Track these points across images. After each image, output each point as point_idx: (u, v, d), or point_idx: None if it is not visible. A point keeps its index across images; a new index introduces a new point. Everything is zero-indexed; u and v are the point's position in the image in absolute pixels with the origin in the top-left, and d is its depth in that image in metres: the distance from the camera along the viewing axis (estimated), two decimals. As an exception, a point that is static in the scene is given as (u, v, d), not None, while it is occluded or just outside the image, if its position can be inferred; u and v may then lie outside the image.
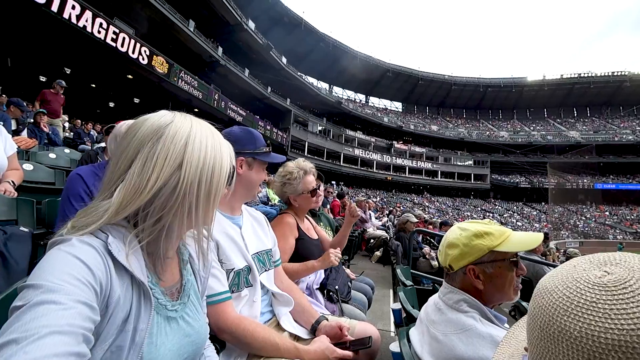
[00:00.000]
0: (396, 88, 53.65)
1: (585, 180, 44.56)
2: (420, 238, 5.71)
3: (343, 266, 2.64)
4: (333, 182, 23.75)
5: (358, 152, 42.32)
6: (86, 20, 11.84)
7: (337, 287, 1.95)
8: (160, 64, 16.07)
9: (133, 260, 0.67)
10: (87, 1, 12.01)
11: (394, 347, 1.16)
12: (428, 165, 47.54)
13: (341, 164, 40.07)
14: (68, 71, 15.12)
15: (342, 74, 48.20)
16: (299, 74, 35.48)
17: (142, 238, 0.68)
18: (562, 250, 9.13)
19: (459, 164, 48.49)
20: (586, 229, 37.02)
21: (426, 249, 5.17)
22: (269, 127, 28.11)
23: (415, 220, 5.48)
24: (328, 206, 7.22)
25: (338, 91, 52.31)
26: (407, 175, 46.07)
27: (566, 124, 52.98)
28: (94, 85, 17.57)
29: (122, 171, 0.68)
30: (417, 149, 48.13)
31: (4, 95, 7.35)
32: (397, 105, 58.30)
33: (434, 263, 4.87)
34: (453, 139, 50.12)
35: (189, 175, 0.68)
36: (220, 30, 25.14)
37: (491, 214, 41.88)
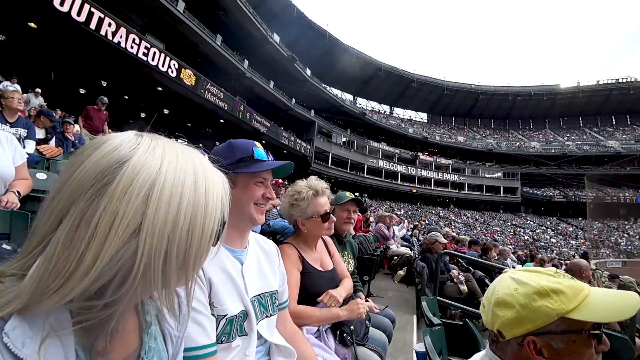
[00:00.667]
0: (421, 98, 52.79)
1: (627, 194, 41.49)
2: (447, 258, 5.31)
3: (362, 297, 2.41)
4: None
5: (382, 163, 41.59)
6: (120, 37, 12.67)
7: (352, 327, 1.67)
8: (188, 77, 16.68)
9: (51, 350, 0.45)
10: (122, 19, 12.86)
11: None
12: (454, 177, 45.92)
13: (365, 175, 39.52)
14: (104, 84, 15.86)
15: (366, 85, 48.11)
16: (323, 85, 35.70)
17: (78, 320, 0.47)
18: (607, 275, 8.30)
19: (487, 176, 46.61)
20: (629, 247, 34.06)
21: (454, 272, 4.77)
22: (292, 138, 28.19)
23: (444, 240, 5.08)
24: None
25: (362, 102, 52.12)
26: (432, 187, 44.62)
27: (604, 133, 50.00)
28: (126, 97, 18.26)
29: (47, 230, 0.46)
30: (443, 161, 46.76)
31: (33, 107, 7.63)
32: (422, 116, 57.30)
33: (463, 288, 4.48)
34: (481, 150, 48.47)
35: (152, 245, 0.46)
36: (246, 44, 25.76)
37: (522, 229, 39.82)
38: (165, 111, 19.95)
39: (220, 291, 1.01)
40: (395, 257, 6.92)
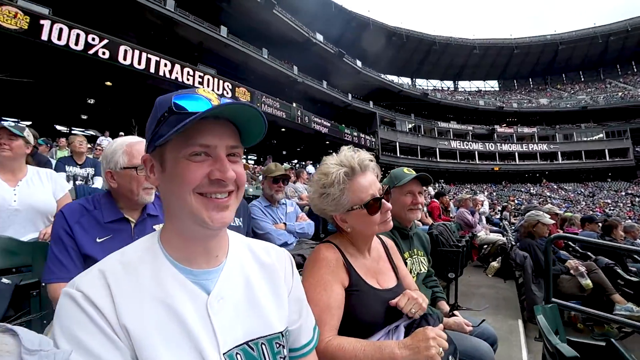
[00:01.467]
0: (488, 65, 47.84)
1: None
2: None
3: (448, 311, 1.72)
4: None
5: (455, 144, 38.84)
6: (177, 73, 14.64)
7: None
8: (243, 94, 18.10)
9: None
10: (174, 57, 14.66)
11: None
12: (543, 147, 40.46)
13: (438, 160, 37.27)
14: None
15: (423, 64, 45.65)
16: (376, 73, 34.71)
17: None
18: None
19: (586, 139, 39.83)
20: None
21: (571, 261, 3.66)
22: (355, 134, 27.82)
23: (550, 220, 3.94)
24: (425, 210, 6.11)
25: (421, 83, 49.46)
26: (517, 162, 40.03)
27: None
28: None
29: None
30: (526, 130, 41.64)
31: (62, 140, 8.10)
32: (493, 85, 52.00)
33: (586, 282, 3.36)
34: (572, 110, 41.42)
35: None
36: (291, 50, 26.35)
37: (644, 195, 33.07)
38: None
39: (154, 346, 0.58)
40: (486, 246, 5.94)
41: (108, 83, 13.32)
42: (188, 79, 14.82)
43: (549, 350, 1.41)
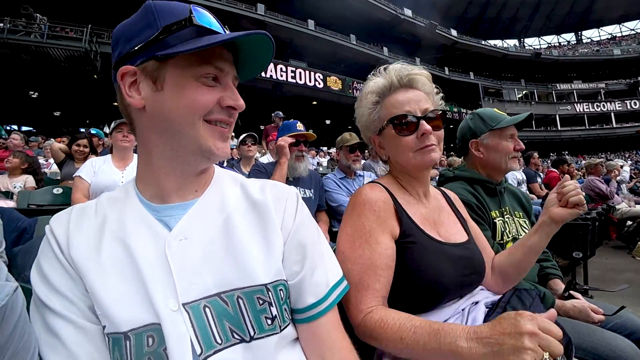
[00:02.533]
0: (624, 2, 38.07)
1: None
2: None
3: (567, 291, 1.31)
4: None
5: (581, 107, 32.83)
6: (271, 71, 15.76)
7: None
8: (334, 83, 18.68)
9: None
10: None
11: None
12: None
13: (559, 128, 31.91)
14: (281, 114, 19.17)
15: (533, 20, 39.02)
16: (475, 40, 31.36)
17: None
18: None
19: None
20: None
21: None
22: (455, 110, 25.72)
23: None
24: (539, 180, 5.34)
25: (532, 42, 42.53)
26: (673, 120, 31.68)
27: None
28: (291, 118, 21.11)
29: None
30: (688, 76, 32.49)
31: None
32: (633, 25, 41.49)
33: None
34: None
35: None
36: (380, 31, 25.45)
37: None
38: (327, 122, 21.67)
39: (104, 285, 0.54)
40: (630, 222, 4.88)
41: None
42: (282, 75, 15.73)
43: None
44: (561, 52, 37.03)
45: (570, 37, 42.80)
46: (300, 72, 16.73)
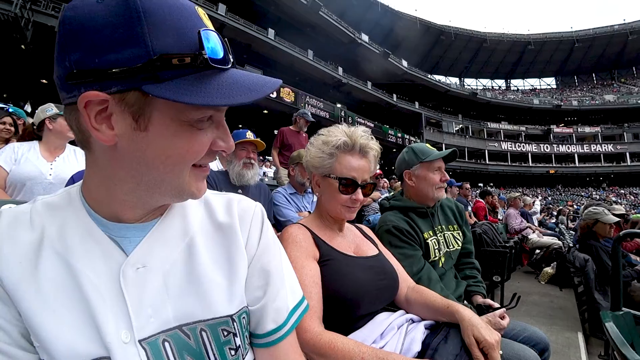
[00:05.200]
0: (544, 61, 44.88)
1: None
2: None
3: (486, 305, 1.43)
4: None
5: (506, 145, 36.87)
6: None
7: None
8: (287, 94, 18.59)
9: None
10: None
11: None
12: (608, 147, 37.30)
13: (487, 162, 35.47)
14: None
15: (473, 62, 43.83)
16: (422, 73, 33.91)
17: None
18: None
19: (659, 138, 35.97)
20: None
21: (644, 265, 3.37)
22: (399, 135, 27.31)
23: (613, 218, 3.57)
24: (469, 209, 5.97)
25: (470, 82, 47.44)
26: (577, 164, 37.24)
27: None
28: (240, 126, 20.70)
29: None
30: (587, 130, 38.66)
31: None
32: (549, 82, 48.67)
33: (668, 291, 3.10)
34: (643, 106, 37.75)
35: None
36: (337, 52, 26.40)
37: None
38: (275, 132, 21.70)
39: (41, 311, 0.46)
40: (538, 251, 5.50)
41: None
42: None
43: None
44: (493, 95, 41.62)
45: (501, 82, 48.45)
46: (256, 79, 16.94)
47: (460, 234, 1.70)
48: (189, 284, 0.54)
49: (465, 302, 1.49)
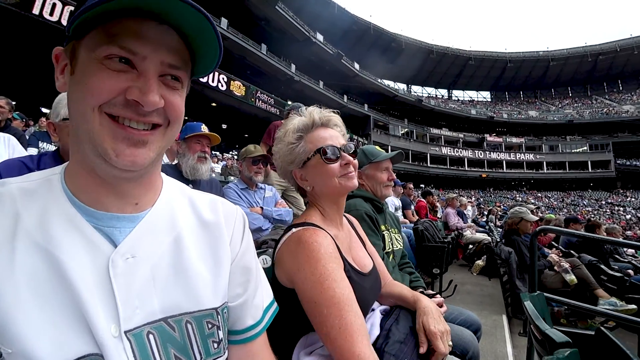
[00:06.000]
0: (482, 76, 48.87)
1: None
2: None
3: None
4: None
5: (446, 150, 39.55)
6: None
7: (411, 356, 0.92)
8: (238, 88, 17.76)
9: None
10: None
11: None
12: (529, 156, 41.81)
13: (428, 165, 37.78)
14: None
15: (420, 71, 46.12)
16: (373, 77, 35.02)
17: None
18: None
19: (570, 151, 41.40)
20: None
21: (553, 256, 3.87)
22: (348, 135, 27.90)
23: (533, 217, 4.14)
24: (412, 208, 6.28)
25: (417, 90, 50.10)
26: (504, 170, 41.25)
27: None
28: (186, 118, 19.63)
29: None
30: (514, 140, 42.93)
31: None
32: (485, 95, 53.06)
33: (571, 278, 3.55)
34: (558, 122, 43.06)
35: None
36: (291, 48, 26.30)
37: (622, 208, 34.27)
38: (224, 126, 21.04)
39: (18, 309, 0.42)
40: (471, 246, 6.01)
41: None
42: None
43: (537, 338, 1.35)
44: (437, 103, 44.50)
45: (444, 92, 51.77)
46: (203, 69, 16.05)
47: (400, 237, 1.85)
48: (176, 276, 0.54)
49: None
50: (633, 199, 36.80)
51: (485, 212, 13.95)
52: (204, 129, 2.25)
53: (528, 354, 2.39)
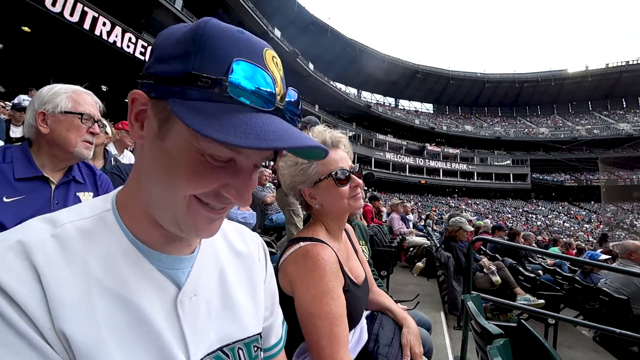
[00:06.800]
0: (427, 89, 52.28)
1: (640, 176, 40.85)
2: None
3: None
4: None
5: (389, 156, 41.45)
6: (116, 36, 12.20)
7: (396, 357, 1.09)
8: None
9: None
10: (118, 19, 12.37)
11: None
12: (463, 166, 45.71)
13: (372, 168, 39.23)
14: (105, 89, 15.73)
15: (371, 78, 47.73)
16: (326, 79, 35.51)
17: None
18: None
19: (496, 164, 46.29)
20: (645, 229, 33.68)
21: (485, 260, 4.44)
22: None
23: (470, 228, 4.67)
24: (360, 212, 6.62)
25: (367, 96, 51.83)
26: (441, 177, 44.50)
27: (614, 116, 48.96)
28: (126, 100, 18.15)
29: None
30: (451, 151, 46.53)
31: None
32: (429, 107, 56.79)
33: (496, 279, 4.12)
34: (489, 138, 47.96)
35: None
36: (247, 41, 25.63)
37: (534, 215, 39.19)
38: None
39: (106, 354, 0.42)
40: (412, 249, 6.43)
41: (26, 29, 10.98)
42: (129, 46, 12.73)
43: (476, 331, 1.61)
44: (384, 110, 46.71)
45: (392, 100, 54.35)
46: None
47: (367, 248, 1.92)
48: (224, 308, 0.58)
49: None
50: (543, 208, 42.49)
51: (424, 217, 14.98)
52: None
53: (463, 345, 2.79)
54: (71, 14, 10.42)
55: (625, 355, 3.29)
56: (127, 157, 3.55)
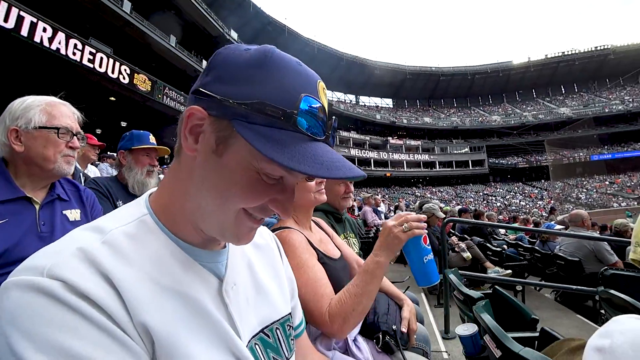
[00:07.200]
0: (386, 85, 53.61)
1: (581, 154, 45.01)
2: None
3: None
4: None
5: (354, 152, 42.07)
6: (59, 43, 11.11)
7: (394, 326, 1.19)
8: (143, 82, 15.25)
9: None
10: (59, 23, 11.35)
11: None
12: (425, 157, 47.58)
13: (339, 165, 39.80)
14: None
15: (330, 76, 48.17)
16: (287, 80, 35.42)
17: None
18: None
19: (456, 152, 48.62)
20: (589, 200, 37.21)
21: (453, 238, 4.74)
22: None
23: (442, 215, 4.90)
24: None
25: (328, 94, 52.12)
26: (405, 169, 46.03)
27: (556, 102, 52.94)
28: (124, 124, 16.98)
29: None
30: (413, 142, 48.19)
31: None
32: (388, 102, 58.30)
33: (467, 255, 4.43)
34: (447, 128, 50.26)
35: None
36: (203, 44, 24.96)
37: (494, 197, 41.72)
38: (123, 124, 18.70)
39: (186, 345, 0.46)
40: None
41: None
42: (75, 53, 11.70)
43: (459, 299, 1.91)
44: (346, 107, 47.40)
45: (352, 97, 55.28)
46: (101, 58, 12.89)
47: (357, 242, 2.04)
48: (257, 294, 0.64)
49: None
50: (501, 190, 45.32)
51: (392, 208, 15.43)
52: (152, 139, 2.08)
53: (445, 320, 3.07)
54: (5, 20, 9.45)
55: (582, 309, 3.68)
56: (92, 172, 3.38)
